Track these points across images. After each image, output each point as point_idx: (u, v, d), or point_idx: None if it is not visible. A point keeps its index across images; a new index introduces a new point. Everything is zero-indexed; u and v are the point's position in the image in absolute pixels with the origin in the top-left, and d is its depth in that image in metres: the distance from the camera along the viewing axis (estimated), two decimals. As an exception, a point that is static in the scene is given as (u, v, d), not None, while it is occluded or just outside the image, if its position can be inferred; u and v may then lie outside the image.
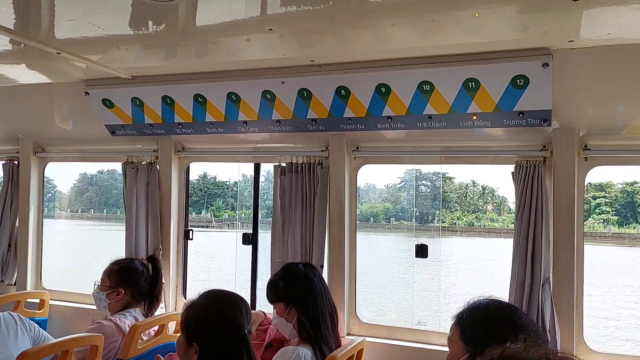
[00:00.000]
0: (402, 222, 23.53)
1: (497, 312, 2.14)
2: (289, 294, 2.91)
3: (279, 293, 2.94)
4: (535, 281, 2.89)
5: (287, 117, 3.31)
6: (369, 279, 15.09)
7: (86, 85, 3.66)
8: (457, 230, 22.21)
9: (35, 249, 4.42)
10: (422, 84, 2.88)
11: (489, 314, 2.15)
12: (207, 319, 2.26)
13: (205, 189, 24.84)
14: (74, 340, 2.80)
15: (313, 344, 2.80)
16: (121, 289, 3.40)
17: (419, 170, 21.66)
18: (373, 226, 22.92)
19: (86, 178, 27.45)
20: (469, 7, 2.17)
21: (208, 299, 2.37)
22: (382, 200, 24.20)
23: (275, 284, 2.98)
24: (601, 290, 14.48)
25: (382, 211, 23.72)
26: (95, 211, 27.49)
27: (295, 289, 2.92)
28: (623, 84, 2.71)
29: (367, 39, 2.63)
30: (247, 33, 2.57)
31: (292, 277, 2.98)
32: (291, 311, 2.88)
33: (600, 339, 10.57)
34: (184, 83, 3.39)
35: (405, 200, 23.89)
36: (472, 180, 22.60)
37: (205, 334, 2.23)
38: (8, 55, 3.12)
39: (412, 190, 23.21)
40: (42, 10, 2.41)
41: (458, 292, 14.23)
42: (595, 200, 19.69)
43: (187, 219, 4.06)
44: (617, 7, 2.10)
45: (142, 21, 2.48)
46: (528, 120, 2.83)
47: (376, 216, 23.67)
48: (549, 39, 2.52)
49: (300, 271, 3.01)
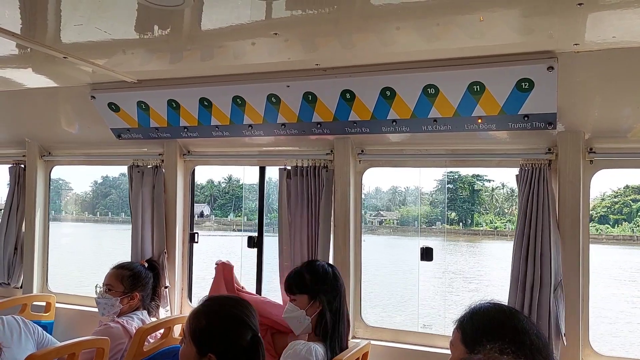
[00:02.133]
0: (441, 225, 23.44)
1: (498, 316, 2.14)
2: (317, 287, 2.86)
3: (305, 285, 2.89)
4: (545, 284, 2.88)
5: (292, 120, 3.32)
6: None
7: (92, 89, 3.67)
8: (495, 234, 22.25)
9: (41, 252, 4.43)
10: (427, 88, 2.89)
11: (489, 317, 2.15)
12: (221, 326, 2.15)
13: (232, 191, 24.78)
14: (80, 343, 2.81)
15: (327, 341, 2.77)
16: (136, 293, 3.42)
17: (457, 172, 21.68)
18: (413, 230, 22.96)
19: (108, 181, 27.58)
20: (474, 11, 2.17)
21: (215, 306, 2.25)
22: (422, 203, 24.15)
23: (302, 275, 2.92)
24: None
25: (423, 214, 23.73)
26: (117, 214, 27.50)
27: (324, 284, 2.88)
28: (628, 87, 2.70)
29: (372, 43, 2.63)
30: (253, 37, 2.58)
31: (320, 272, 2.93)
32: (314, 305, 2.84)
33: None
34: (189, 87, 3.41)
35: (441, 203, 23.84)
36: (502, 183, 22.68)
37: (220, 341, 2.12)
38: (15, 59, 3.14)
39: (447, 193, 23.20)
40: (48, 15, 2.43)
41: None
42: (636, 203, 19.49)
43: (192, 222, 4.06)
44: (622, 10, 2.10)
45: (148, 25, 2.49)
46: (533, 123, 2.83)
47: (415, 220, 23.68)
48: (553, 42, 2.51)
49: (329, 268, 2.98)
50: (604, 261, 18.09)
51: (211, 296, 2.36)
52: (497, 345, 1.90)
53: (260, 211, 3.90)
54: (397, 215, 25.43)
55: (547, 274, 2.88)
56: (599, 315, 12.84)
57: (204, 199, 25.46)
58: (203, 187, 25.78)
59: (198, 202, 27.39)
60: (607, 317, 13.84)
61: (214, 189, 25.62)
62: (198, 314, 2.20)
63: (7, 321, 3.06)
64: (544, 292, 2.88)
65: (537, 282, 2.89)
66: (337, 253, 3.41)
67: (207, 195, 25.67)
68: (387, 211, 25.14)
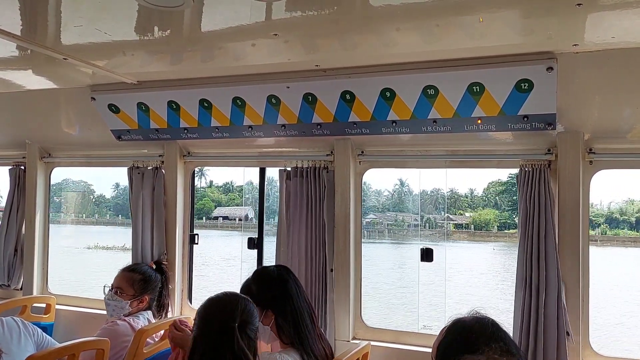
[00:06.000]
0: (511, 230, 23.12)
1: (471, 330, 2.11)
2: (264, 297, 2.79)
3: (253, 297, 2.76)
4: (551, 286, 2.88)
5: (292, 121, 3.32)
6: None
7: (92, 91, 3.68)
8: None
9: (41, 253, 4.43)
10: (426, 89, 2.89)
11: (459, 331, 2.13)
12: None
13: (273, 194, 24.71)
14: (80, 344, 2.81)
15: (299, 347, 2.72)
16: (145, 297, 3.43)
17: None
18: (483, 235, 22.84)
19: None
20: (473, 12, 2.18)
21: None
22: (488, 206, 23.80)
23: (249, 288, 2.86)
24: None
25: (494, 219, 23.51)
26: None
27: (270, 291, 2.81)
28: (628, 87, 2.71)
29: (372, 44, 2.64)
30: (253, 38, 2.58)
31: (265, 280, 2.87)
32: (267, 314, 2.77)
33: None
34: (189, 88, 3.41)
35: (508, 205, 23.54)
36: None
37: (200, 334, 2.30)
38: (15, 61, 3.14)
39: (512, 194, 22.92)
40: (48, 16, 2.43)
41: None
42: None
43: (192, 223, 4.07)
44: (621, 10, 2.10)
45: (148, 27, 2.49)
46: (533, 124, 2.83)
47: (489, 224, 23.47)
48: (553, 43, 2.52)
49: (274, 273, 2.91)
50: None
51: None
52: (499, 346, 1.91)
53: (260, 212, 3.91)
54: (468, 220, 24.82)
55: (552, 275, 2.88)
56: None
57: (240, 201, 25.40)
58: (240, 189, 25.78)
59: (239, 205, 27.25)
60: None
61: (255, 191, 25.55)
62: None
63: (7, 323, 3.06)
64: (551, 293, 2.88)
65: (543, 283, 2.88)
66: (338, 254, 3.42)
67: (248, 197, 25.72)
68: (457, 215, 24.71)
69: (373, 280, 16.70)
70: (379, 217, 26.25)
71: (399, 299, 16.90)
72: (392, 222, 26.23)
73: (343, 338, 3.38)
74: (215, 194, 29.07)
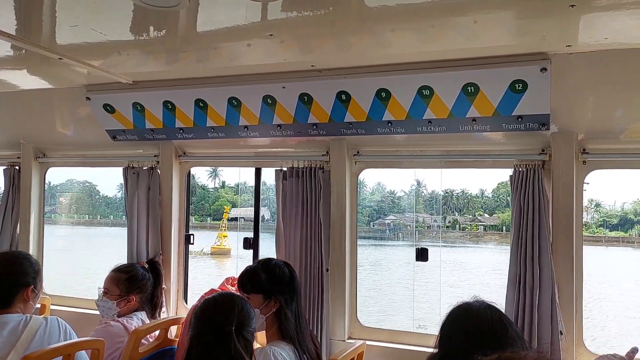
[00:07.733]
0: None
1: (476, 320, 2.16)
2: (273, 286, 2.80)
3: (260, 284, 2.81)
4: (545, 285, 2.90)
5: (288, 121, 3.33)
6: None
7: (87, 91, 3.67)
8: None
9: (36, 254, 4.40)
10: (421, 89, 2.90)
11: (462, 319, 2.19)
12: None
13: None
14: (75, 344, 2.80)
15: (294, 341, 2.72)
16: (132, 296, 3.41)
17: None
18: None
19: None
20: (468, 13, 2.19)
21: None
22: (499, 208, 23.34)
23: (257, 274, 2.84)
24: None
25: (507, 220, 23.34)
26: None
27: (280, 284, 2.82)
28: (621, 88, 2.73)
29: (367, 44, 2.65)
30: (248, 38, 2.59)
31: (276, 272, 2.86)
32: (269, 304, 2.76)
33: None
34: (185, 88, 3.41)
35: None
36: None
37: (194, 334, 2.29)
38: (10, 60, 3.14)
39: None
40: (43, 16, 2.43)
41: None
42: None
43: (187, 223, 4.06)
44: (614, 12, 2.12)
45: (143, 27, 2.50)
46: (527, 124, 2.85)
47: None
48: (546, 44, 2.54)
49: (284, 268, 2.91)
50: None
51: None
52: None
53: (256, 212, 3.91)
54: (497, 221, 24.44)
55: (546, 274, 2.89)
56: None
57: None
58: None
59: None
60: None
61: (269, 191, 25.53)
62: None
63: (50, 323, 2.83)
64: (544, 292, 2.89)
65: (537, 282, 2.90)
66: (333, 254, 3.42)
67: (263, 197, 25.60)
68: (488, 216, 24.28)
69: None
70: (399, 217, 25.97)
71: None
72: (413, 223, 25.93)
73: (338, 337, 3.39)
74: (229, 194, 28.93)
